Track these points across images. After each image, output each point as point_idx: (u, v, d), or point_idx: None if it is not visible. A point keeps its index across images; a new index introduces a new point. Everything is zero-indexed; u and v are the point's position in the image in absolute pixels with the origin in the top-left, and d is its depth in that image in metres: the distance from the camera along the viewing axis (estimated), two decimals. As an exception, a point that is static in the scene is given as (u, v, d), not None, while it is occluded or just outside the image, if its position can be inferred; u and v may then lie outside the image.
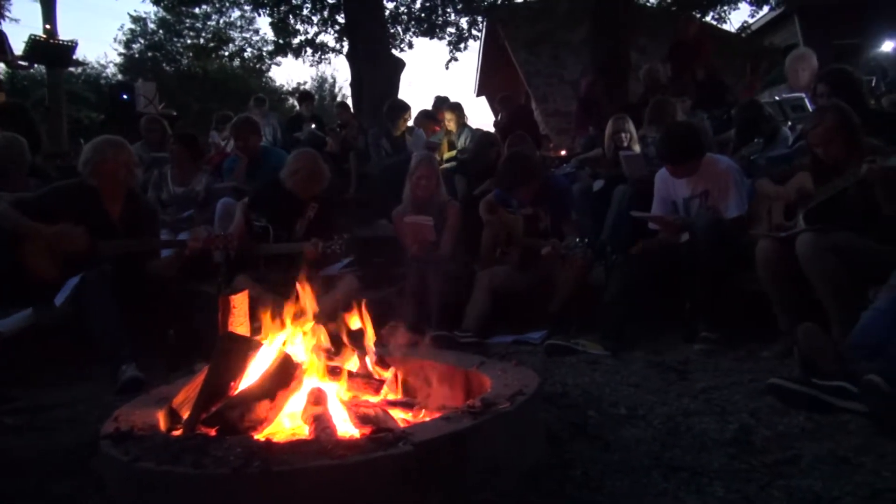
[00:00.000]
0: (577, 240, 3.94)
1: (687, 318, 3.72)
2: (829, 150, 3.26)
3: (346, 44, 13.75)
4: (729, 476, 1.94)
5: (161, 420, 2.06)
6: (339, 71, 41.02)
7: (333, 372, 2.19)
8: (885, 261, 2.93)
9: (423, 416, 2.13)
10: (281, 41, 15.22)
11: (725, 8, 12.42)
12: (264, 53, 18.69)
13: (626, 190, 4.90)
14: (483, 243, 4.52)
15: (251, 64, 20.91)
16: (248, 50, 20.60)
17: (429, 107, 8.82)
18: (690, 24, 8.56)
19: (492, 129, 8.35)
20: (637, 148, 5.36)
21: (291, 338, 2.27)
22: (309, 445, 1.67)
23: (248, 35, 20.89)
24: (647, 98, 6.49)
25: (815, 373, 2.52)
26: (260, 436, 1.83)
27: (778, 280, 3.26)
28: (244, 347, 2.08)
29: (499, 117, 8.58)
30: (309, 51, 15.18)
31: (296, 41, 14.93)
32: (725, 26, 13.36)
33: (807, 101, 4.84)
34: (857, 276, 3.02)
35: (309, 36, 14.88)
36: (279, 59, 17.24)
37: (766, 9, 13.08)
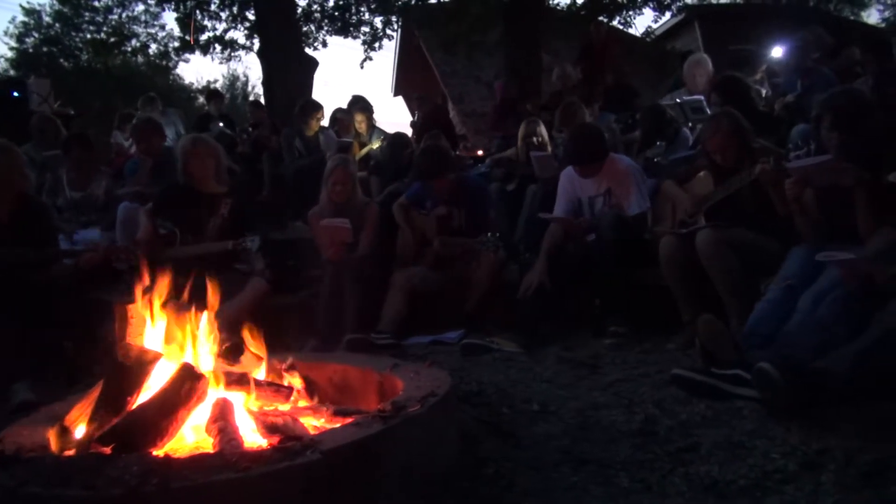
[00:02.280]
0: (489, 235, 3.99)
1: (597, 313, 3.83)
2: (725, 155, 3.46)
3: (256, 41, 13.39)
4: (634, 466, 2.01)
5: (52, 440, 1.93)
6: (251, 69, 39.81)
7: (240, 381, 2.11)
8: (776, 255, 3.12)
9: (334, 423, 2.09)
10: (187, 37, 14.65)
11: (631, 13, 12.90)
12: (170, 50, 17.96)
13: (537, 190, 5.01)
14: (399, 245, 4.50)
15: (157, 60, 20.03)
16: (153, 46, 19.76)
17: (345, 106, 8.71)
18: (599, 29, 8.84)
19: (408, 129, 8.36)
20: (548, 149, 5.48)
21: (194, 347, 2.18)
22: (211, 459, 1.60)
23: (153, 30, 20.03)
24: (559, 100, 6.65)
25: (715, 362, 2.64)
26: (159, 452, 1.75)
27: (680, 275, 3.40)
28: (141, 359, 1.98)
29: (415, 117, 8.59)
30: (218, 48, 14.68)
31: (203, 37, 14.40)
32: (631, 31, 13.89)
33: (705, 103, 5.09)
34: (752, 270, 3.20)
35: (217, 32, 14.39)
36: (188, 55, 16.60)
37: (668, 15, 13.66)
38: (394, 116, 56.36)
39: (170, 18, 34.46)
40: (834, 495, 1.69)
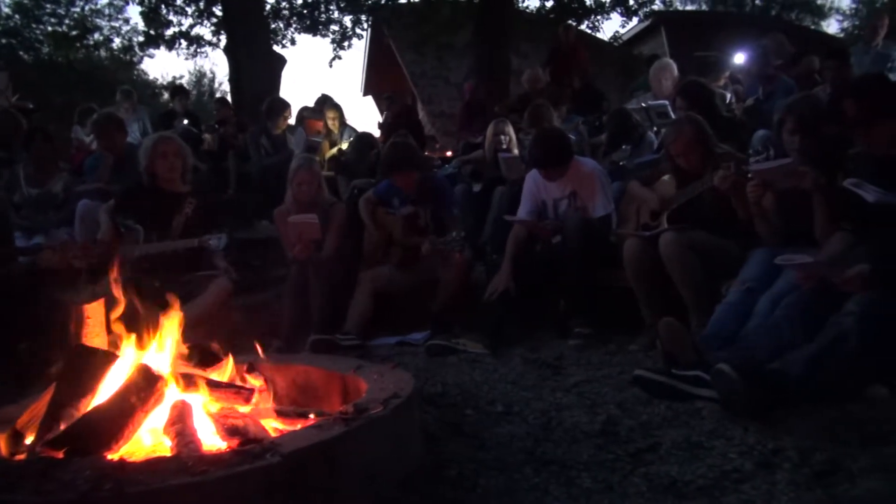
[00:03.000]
0: (454, 234, 3.99)
1: (561, 315, 3.86)
2: (688, 159, 3.52)
3: (223, 37, 13.21)
4: (596, 466, 2.03)
5: (2, 444, 1.87)
6: (218, 65, 39.17)
7: (199, 383, 2.07)
8: (736, 257, 3.18)
9: (296, 425, 2.06)
10: (152, 32, 14.36)
11: (599, 18, 13.05)
12: (134, 44, 17.59)
13: (505, 191, 5.03)
14: (365, 244, 4.48)
15: (120, 55, 19.59)
16: (117, 40, 19.31)
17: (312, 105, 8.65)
18: (568, 32, 8.91)
19: (377, 129, 8.32)
20: (516, 151, 5.50)
21: (153, 347, 2.13)
22: (168, 463, 1.57)
23: (116, 24, 19.58)
24: (527, 102, 6.69)
25: (675, 364, 2.68)
26: (114, 456, 1.71)
27: (643, 276, 3.45)
28: (97, 360, 1.93)
29: (384, 117, 8.56)
30: (184, 43, 14.43)
31: (169, 32, 14.15)
32: (599, 35, 14.05)
33: (670, 108, 5.17)
34: (713, 272, 3.25)
35: (183, 28, 14.15)
36: (152, 50, 16.28)
37: (635, 20, 13.87)
38: (363, 116, 56.12)
39: (134, 12, 33.81)
40: (788, 494, 1.73)
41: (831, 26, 25.36)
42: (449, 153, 8.77)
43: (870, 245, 2.47)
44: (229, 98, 11.84)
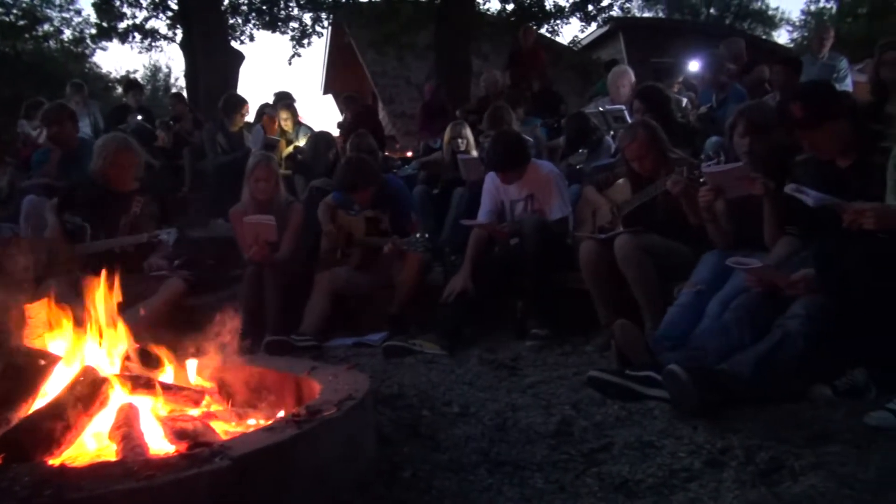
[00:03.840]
0: (417, 235, 3.99)
1: (519, 316, 3.89)
2: (642, 163, 3.58)
3: (179, 32, 12.92)
4: (549, 467, 2.04)
5: (-65, 450, 1.79)
6: (174, 60, 38.33)
7: (148, 385, 2.02)
8: (689, 260, 3.26)
9: (247, 428, 2.03)
10: (105, 24, 13.95)
11: (559, 22, 13.20)
12: (86, 36, 17.07)
13: (463, 193, 5.05)
14: (323, 245, 4.44)
15: (71, 47, 19.00)
16: (67, 31, 18.72)
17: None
18: (528, 35, 8.98)
19: (336, 129, 8.26)
20: (474, 152, 5.53)
21: (99, 349, 2.07)
22: (112, 468, 1.52)
23: (67, 15, 18.98)
24: (487, 104, 6.72)
25: (629, 364, 2.72)
26: (55, 461, 1.65)
27: (599, 278, 3.49)
28: (38, 362, 1.86)
29: (343, 117, 8.50)
30: (137, 37, 14.06)
31: (122, 25, 13.77)
32: (559, 39, 14.22)
33: (626, 113, 5.25)
34: (666, 275, 3.32)
35: (137, 21, 13.79)
36: (105, 43, 15.82)
37: (594, 26, 14.07)
38: (323, 115, 55.65)
39: (86, 3, 32.88)
40: (733, 492, 1.77)
41: (782, 37, 26.20)
42: (409, 153, 8.76)
43: (814, 249, 2.55)
44: (185, 94, 11.62)
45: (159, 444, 1.83)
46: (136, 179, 4.06)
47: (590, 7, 13.02)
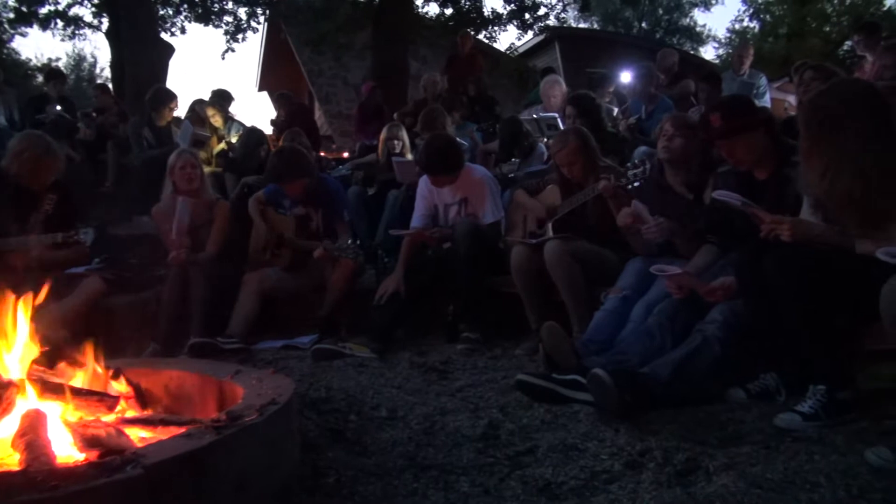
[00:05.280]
0: (350, 241, 3.95)
1: (450, 319, 3.90)
2: (573, 169, 3.65)
3: (106, 20, 12.40)
4: (475, 470, 2.05)
5: None
6: (100, 50, 36.71)
7: (57, 390, 1.92)
8: (615, 266, 3.34)
9: (164, 434, 1.95)
10: (24, 8, 13.23)
11: (496, 29, 13.36)
12: (3, 21, 16.16)
13: (398, 195, 5.03)
14: (252, 244, 4.33)
15: (-14, 32, 17.94)
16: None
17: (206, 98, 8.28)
18: (465, 40, 9.05)
19: (269, 126, 8.10)
20: (410, 155, 5.52)
21: (6, 352, 1.96)
22: (13, 478, 1.44)
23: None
24: (424, 106, 6.72)
25: (556, 368, 2.77)
26: (-50, 472, 1.55)
27: (529, 283, 3.54)
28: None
29: (277, 115, 8.34)
30: (60, 23, 13.39)
31: (43, 11, 13.08)
32: (496, 45, 14.39)
33: (559, 120, 5.36)
34: (593, 280, 3.39)
35: (60, 6, 13.13)
36: (24, 28, 15.00)
37: (531, 34, 14.29)
38: (258, 112, 54.47)
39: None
40: (651, 493, 1.82)
41: (708, 52, 27.33)
42: (346, 154, 8.67)
43: (733, 258, 2.66)
44: (111, 85, 11.16)
45: (67, 453, 1.74)
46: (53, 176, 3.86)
47: (527, 16, 13.22)
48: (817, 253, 2.29)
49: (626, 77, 7.87)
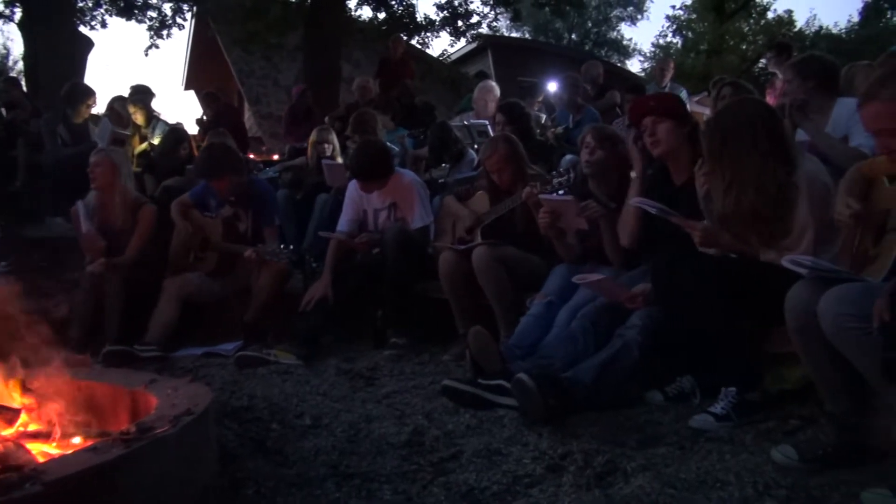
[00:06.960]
0: (282, 245, 3.88)
1: (378, 325, 3.87)
2: (502, 176, 3.68)
3: (18, 10, 11.74)
4: (398, 478, 2.04)
5: None
6: (14, 41, 34.67)
7: (-50, 403, 1.79)
8: (542, 272, 3.39)
9: (69, 448, 1.85)
10: None
11: (429, 35, 13.39)
12: None
13: (328, 199, 4.97)
14: (173, 247, 4.18)
15: None
16: None
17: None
18: (397, 45, 9.04)
19: (195, 126, 7.86)
20: (340, 158, 5.46)
21: None
22: None
23: None
24: (355, 110, 6.66)
25: (483, 373, 2.78)
26: None
27: (457, 288, 3.55)
28: None
29: (203, 115, 8.10)
30: (-33, 13, 12.60)
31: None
32: (429, 51, 14.43)
33: (490, 128, 5.41)
34: (520, 285, 3.43)
35: (-33, -5, 12.35)
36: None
37: (463, 41, 14.43)
38: (184, 111, 52.79)
39: None
40: (570, 495, 1.85)
41: (634, 65, 28.28)
42: (276, 157, 8.50)
43: (651, 265, 2.74)
44: (23, 79, 10.57)
45: (-39, 470, 1.63)
46: None
47: (459, 23, 13.31)
48: (727, 260, 2.39)
49: (553, 86, 8.03)
